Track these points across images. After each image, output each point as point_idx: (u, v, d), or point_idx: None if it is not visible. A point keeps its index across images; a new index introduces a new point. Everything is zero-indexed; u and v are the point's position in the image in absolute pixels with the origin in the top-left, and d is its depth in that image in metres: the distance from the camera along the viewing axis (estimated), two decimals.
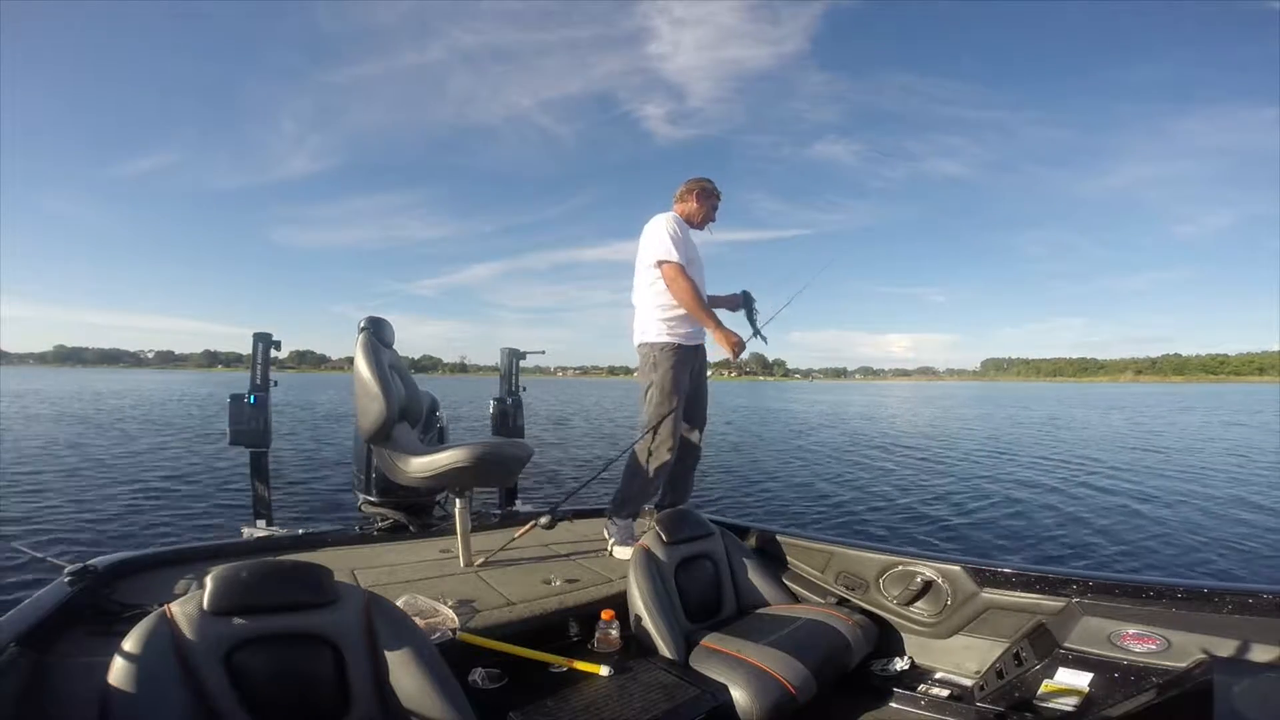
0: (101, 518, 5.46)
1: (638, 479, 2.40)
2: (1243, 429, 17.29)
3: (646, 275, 2.41)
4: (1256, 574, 4.58)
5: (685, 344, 2.41)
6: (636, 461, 2.40)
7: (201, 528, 5.31)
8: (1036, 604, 1.68)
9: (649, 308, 2.41)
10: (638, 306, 2.48)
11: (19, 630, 1.20)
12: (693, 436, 2.53)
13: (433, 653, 1.21)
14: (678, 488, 2.56)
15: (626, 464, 2.45)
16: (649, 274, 2.40)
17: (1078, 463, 10.08)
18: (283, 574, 1.19)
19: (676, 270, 2.31)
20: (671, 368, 2.34)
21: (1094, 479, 8.40)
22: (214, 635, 1.07)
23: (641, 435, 2.39)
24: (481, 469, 2.01)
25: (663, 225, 2.37)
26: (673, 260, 2.32)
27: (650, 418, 2.35)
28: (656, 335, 2.38)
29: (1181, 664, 1.39)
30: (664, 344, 2.37)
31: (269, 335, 2.75)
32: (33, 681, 1.12)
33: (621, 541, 2.31)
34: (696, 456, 2.60)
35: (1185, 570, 4.59)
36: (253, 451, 2.70)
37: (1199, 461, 10.37)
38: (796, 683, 1.50)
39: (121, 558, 1.84)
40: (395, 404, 2.06)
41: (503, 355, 3.37)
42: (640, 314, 2.46)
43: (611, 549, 2.35)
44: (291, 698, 1.10)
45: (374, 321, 2.26)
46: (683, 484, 2.58)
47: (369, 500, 2.64)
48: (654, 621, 1.69)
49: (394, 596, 1.52)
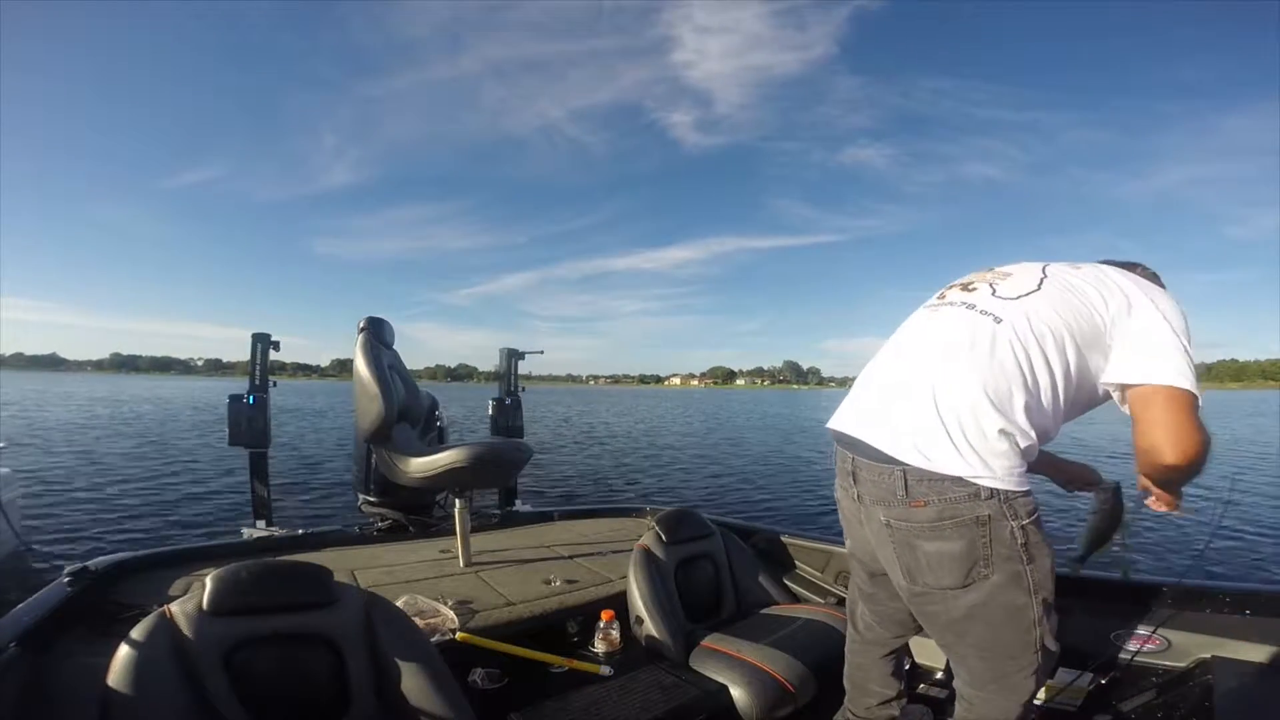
0: (101, 518, 5.46)
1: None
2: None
3: (1065, 364, 1.05)
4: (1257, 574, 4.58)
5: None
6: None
7: (201, 528, 5.32)
8: None
9: (1015, 413, 1.02)
10: (966, 397, 1.03)
11: (19, 630, 1.20)
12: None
13: (433, 653, 1.21)
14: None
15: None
16: (1082, 369, 1.06)
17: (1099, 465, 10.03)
18: (283, 574, 1.19)
19: (1193, 407, 0.97)
20: (1048, 550, 1.07)
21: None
22: (214, 635, 1.07)
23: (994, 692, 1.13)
24: (481, 469, 2.01)
25: (1173, 308, 1.05)
26: (1191, 389, 0.97)
27: (1017, 658, 1.09)
28: (1007, 474, 1.01)
29: (1181, 664, 1.39)
30: (1021, 496, 1.03)
31: (267, 335, 2.75)
32: (33, 681, 1.12)
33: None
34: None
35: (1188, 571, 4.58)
36: (252, 452, 2.70)
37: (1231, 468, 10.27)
38: (796, 682, 1.50)
39: (121, 558, 1.84)
40: (395, 404, 2.06)
41: (501, 355, 3.36)
42: (974, 417, 1.01)
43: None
44: (291, 698, 1.10)
45: (373, 322, 2.26)
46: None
47: (369, 500, 2.64)
48: (654, 622, 1.68)
49: (394, 597, 1.52)
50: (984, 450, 1.00)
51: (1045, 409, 1.04)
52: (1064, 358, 1.04)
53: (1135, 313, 1.03)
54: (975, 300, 1.13)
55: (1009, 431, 1.00)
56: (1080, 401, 1.11)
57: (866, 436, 1.11)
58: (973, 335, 1.07)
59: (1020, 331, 1.04)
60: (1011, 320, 1.06)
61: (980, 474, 0.99)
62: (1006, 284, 1.14)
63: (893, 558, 1.12)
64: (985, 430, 1.00)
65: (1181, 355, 0.97)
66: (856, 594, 1.40)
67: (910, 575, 1.10)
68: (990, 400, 1.01)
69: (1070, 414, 1.11)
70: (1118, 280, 1.07)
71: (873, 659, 1.40)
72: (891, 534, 1.10)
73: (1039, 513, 1.04)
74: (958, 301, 1.16)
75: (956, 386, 1.03)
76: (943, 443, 1.01)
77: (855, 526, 1.23)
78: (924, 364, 1.10)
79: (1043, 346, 1.03)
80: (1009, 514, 1.01)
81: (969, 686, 1.15)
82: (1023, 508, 1.02)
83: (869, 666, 1.41)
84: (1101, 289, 1.06)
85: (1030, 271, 1.15)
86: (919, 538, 1.06)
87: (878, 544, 1.16)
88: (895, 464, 1.05)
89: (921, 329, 1.18)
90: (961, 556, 1.03)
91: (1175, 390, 0.96)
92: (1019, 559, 1.03)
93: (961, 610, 1.07)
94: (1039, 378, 1.03)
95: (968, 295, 1.16)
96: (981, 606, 1.05)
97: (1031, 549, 1.03)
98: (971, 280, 1.21)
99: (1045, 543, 1.05)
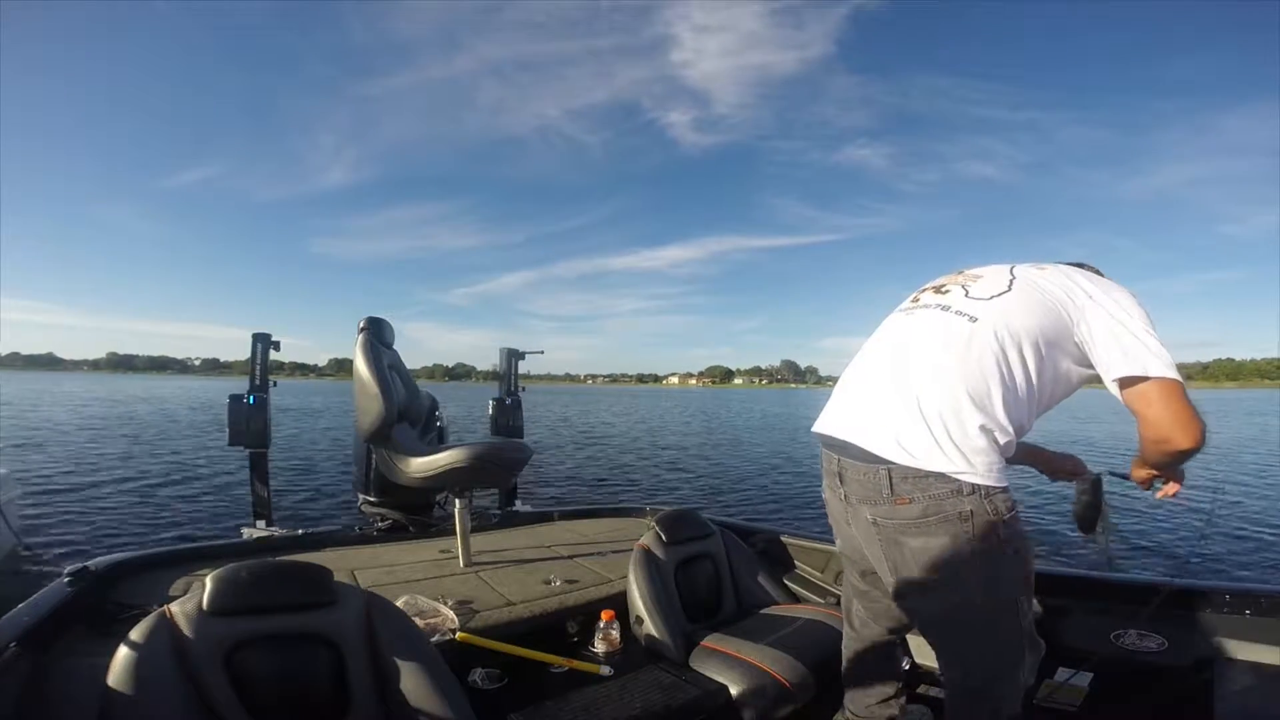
0: (101, 518, 5.46)
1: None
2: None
3: (1039, 361, 1.09)
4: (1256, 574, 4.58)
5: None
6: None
7: (201, 528, 5.32)
8: (1036, 603, 1.68)
9: (994, 410, 1.05)
10: (947, 395, 1.06)
11: (19, 630, 1.20)
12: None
13: (433, 653, 1.21)
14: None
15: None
16: (1051, 362, 1.10)
17: (1095, 464, 10.04)
18: (283, 574, 1.19)
19: (1185, 393, 1.03)
20: (1028, 545, 1.10)
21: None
22: (214, 635, 1.07)
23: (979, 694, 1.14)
24: (480, 469, 2.01)
25: (1134, 303, 1.08)
26: (1178, 376, 1.02)
27: (996, 652, 1.11)
28: (987, 471, 1.04)
29: (1181, 664, 1.40)
30: (1000, 492, 1.06)
31: (268, 335, 2.75)
32: (32, 682, 1.12)
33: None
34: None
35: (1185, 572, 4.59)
36: (252, 452, 2.70)
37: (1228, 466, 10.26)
38: (796, 682, 1.50)
39: (121, 558, 1.84)
40: (395, 404, 2.06)
41: (502, 355, 3.36)
42: (955, 415, 1.05)
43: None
44: (291, 698, 1.10)
45: (373, 322, 2.26)
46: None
47: (369, 500, 2.64)
48: (654, 622, 1.68)
49: (394, 597, 1.51)
50: (966, 447, 1.03)
51: (1022, 405, 1.08)
52: (1037, 355, 1.08)
53: (1103, 310, 1.06)
54: (950, 302, 1.16)
55: (989, 428, 1.03)
56: (1054, 396, 1.14)
57: (852, 437, 1.13)
58: (951, 335, 1.10)
59: (997, 331, 1.07)
60: (987, 320, 1.09)
61: (963, 470, 1.02)
62: (979, 285, 1.17)
63: (880, 555, 1.14)
64: (967, 427, 1.03)
65: (1159, 346, 1.01)
66: (851, 592, 1.41)
67: (897, 572, 1.13)
68: (971, 398, 1.04)
69: (1042, 408, 1.15)
70: (1080, 280, 1.11)
71: (870, 657, 1.41)
72: (878, 532, 1.12)
73: (1017, 509, 1.07)
74: (932, 304, 1.19)
75: (938, 385, 1.06)
76: (926, 440, 1.04)
77: (844, 526, 1.26)
78: (905, 365, 1.12)
79: (1018, 345, 1.07)
80: (990, 509, 1.04)
81: (957, 682, 1.16)
82: (1002, 503, 1.05)
83: (867, 665, 1.42)
84: (1067, 289, 1.10)
85: (1000, 273, 1.18)
86: (904, 534, 1.08)
87: (865, 542, 1.18)
88: (881, 463, 1.07)
89: (899, 331, 1.21)
90: (946, 552, 1.05)
91: (1166, 382, 1.00)
92: (1001, 554, 1.05)
93: (949, 606, 1.09)
94: (1015, 375, 1.06)
95: (941, 297, 1.19)
96: (967, 602, 1.08)
97: (1013, 543, 1.06)
98: (944, 283, 1.23)
99: (1025, 538, 1.08)
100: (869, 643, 1.40)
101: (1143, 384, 1.01)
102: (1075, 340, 1.08)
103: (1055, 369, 1.10)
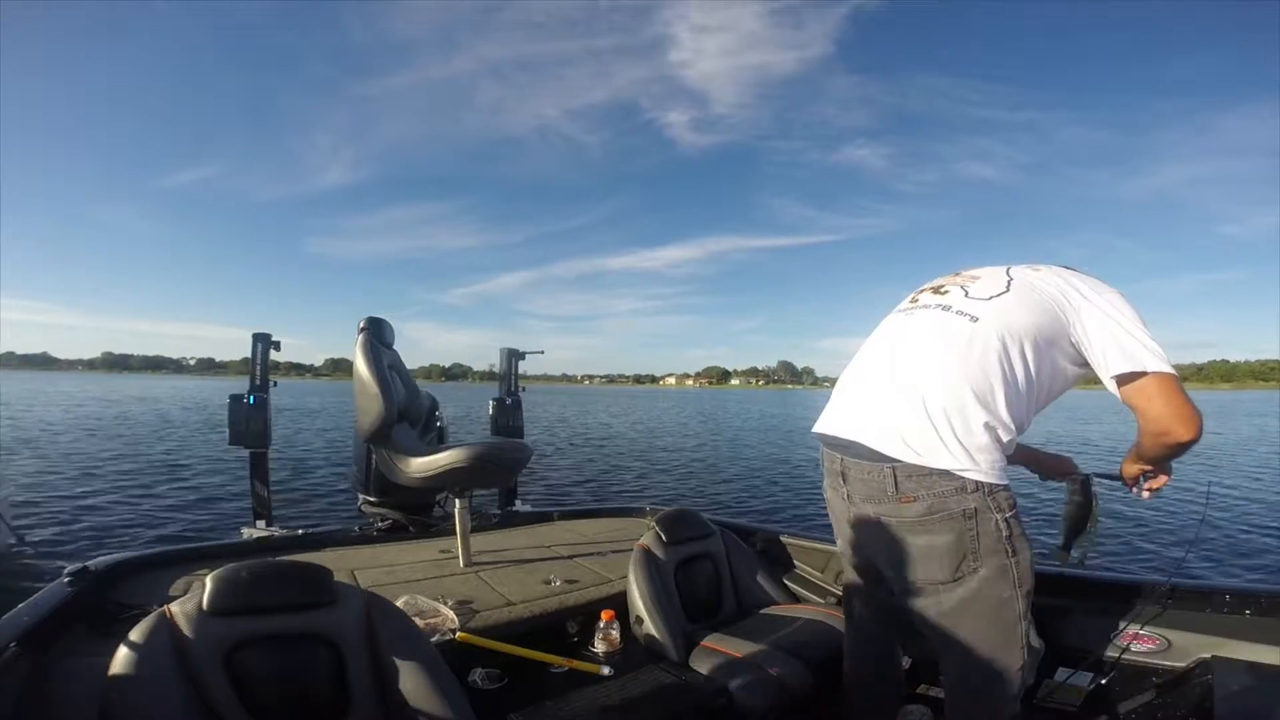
0: (101, 518, 5.45)
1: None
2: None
3: (1039, 360, 1.10)
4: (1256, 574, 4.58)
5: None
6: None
7: (201, 528, 5.31)
8: (1036, 603, 1.68)
9: (998, 408, 1.05)
10: (951, 394, 1.06)
11: (19, 630, 1.20)
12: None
13: (433, 653, 1.20)
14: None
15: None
16: (1048, 358, 1.11)
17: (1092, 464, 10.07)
18: (283, 574, 1.19)
19: (1181, 385, 1.05)
20: (1028, 543, 1.10)
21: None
22: (214, 635, 1.06)
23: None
24: (480, 470, 2.01)
25: (1125, 302, 1.11)
26: (1173, 370, 1.04)
27: (1001, 656, 1.10)
28: (990, 468, 1.05)
29: (1181, 664, 1.40)
30: (1002, 490, 1.07)
31: (268, 335, 2.75)
32: (32, 682, 1.12)
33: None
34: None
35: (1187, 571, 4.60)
36: (252, 452, 2.69)
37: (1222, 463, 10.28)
38: (796, 682, 1.50)
39: (121, 558, 1.84)
40: (395, 404, 2.05)
41: (501, 355, 3.36)
42: (960, 413, 1.05)
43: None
44: (291, 698, 1.09)
45: (373, 322, 2.26)
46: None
47: (369, 500, 2.63)
48: (654, 622, 1.68)
49: (394, 597, 1.51)
50: (971, 445, 1.03)
51: (1023, 403, 1.09)
52: (1037, 354, 1.09)
53: (1098, 310, 1.08)
54: (950, 302, 1.17)
55: (993, 425, 1.04)
56: (1051, 394, 1.16)
57: (856, 436, 1.13)
58: (952, 335, 1.11)
59: (998, 330, 1.08)
60: (988, 320, 1.10)
61: (967, 467, 1.03)
62: (977, 286, 1.18)
63: (882, 554, 1.15)
64: (971, 425, 1.04)
65: (1152, 342, 1.03)
66: (851, 591, 1.41)
67: (899, 570, 1.12)
68: (975, 396, 1.04)
69: (1040, 407, 1.16)
70: (1074, 281, 1.14)
71: (871, 656, 1.41)
72: (881, 530, 1.12)
73: (1018, 507, 1.08)
74: (932, 304, 1.20)
75: (942, 384, 1.06)
76: (931, 438, 1.04)
77: (846, 525, 1.26)
78: (907, 364, 1.13)
79: (1019, 344, 1.08)
80: (993, 507, 1.04)
81: (957, 682, 1.16)
82: (1005, 501, 1.06)
83: (867, 664, 1.41)
84: (1062, 289, 1.12)
85: (997, 274, 1.19)
86: (908, 532, 1.09)
87: (868, 541, 1.18)
88: (886, 461, 1.08)
89: (900, 331, 1.21)
90: (950, 550, 1.06)
91: (1163, 376, 1.02)
92: (1004, 552, 1.06)
93: (951, 604, 1.09)
94: (1017, 373, 1.07)
95: (941, 298, 1.20)
96: (971, 601, 1.08)
97: (1015, 541, 1.07)
98: (942, 284, 1.24)
99: (1025, 536, 1.09)
100: (869, 642, 1.40)
101: (1141, 379, 1.02)
102: (1072, 340, 1.10)
103: (1053, 367, 1.12)
